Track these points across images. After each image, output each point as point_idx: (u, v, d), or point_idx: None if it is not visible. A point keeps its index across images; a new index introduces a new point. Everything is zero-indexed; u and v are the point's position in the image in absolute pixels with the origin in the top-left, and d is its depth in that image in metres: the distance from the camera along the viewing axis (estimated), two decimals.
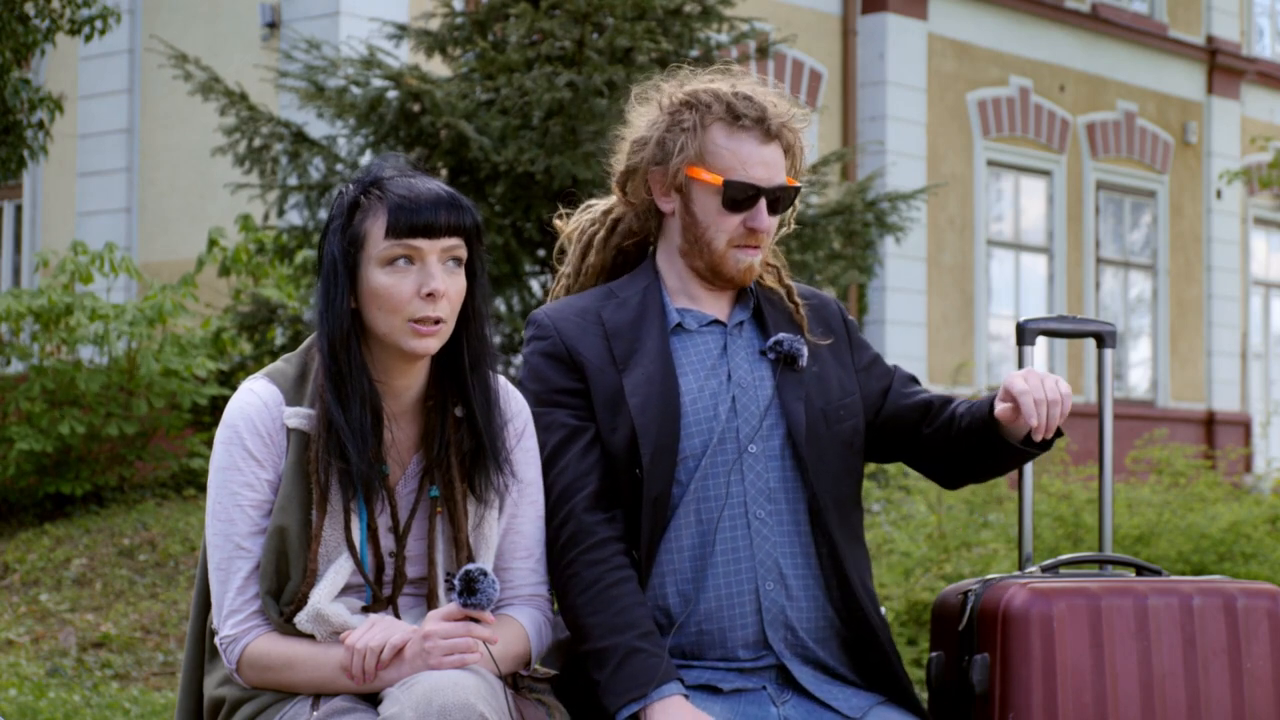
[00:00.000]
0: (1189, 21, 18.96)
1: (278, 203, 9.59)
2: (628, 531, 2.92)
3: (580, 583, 2.86)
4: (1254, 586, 3.01)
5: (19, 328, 10.45)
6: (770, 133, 2.99)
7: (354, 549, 2.77)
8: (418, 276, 2.74)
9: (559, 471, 2.93)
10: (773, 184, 2.99)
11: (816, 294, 3.18)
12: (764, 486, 2.96)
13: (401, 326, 2.75)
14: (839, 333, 3.12)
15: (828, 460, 2.98)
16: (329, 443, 2.75)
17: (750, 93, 3.02)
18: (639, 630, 2.83)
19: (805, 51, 15.26)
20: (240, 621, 2.77)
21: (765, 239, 3.01)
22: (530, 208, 9.30)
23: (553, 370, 2.98)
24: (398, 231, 2.74)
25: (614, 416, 2.94)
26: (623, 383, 2.95)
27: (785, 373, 3.00)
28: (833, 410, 3.02)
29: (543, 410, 2.96)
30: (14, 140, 10.82)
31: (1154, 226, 18.76)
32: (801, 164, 3.07)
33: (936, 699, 3.06)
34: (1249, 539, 8.15)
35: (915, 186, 12.80)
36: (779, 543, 2.95)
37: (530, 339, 3.03)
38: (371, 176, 2.81)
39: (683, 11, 9.65)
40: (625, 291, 3.06)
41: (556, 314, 3.04)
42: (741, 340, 3.04)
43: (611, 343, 2.98)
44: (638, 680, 2.78)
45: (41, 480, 9.91)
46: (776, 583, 2.94)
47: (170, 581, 8.33)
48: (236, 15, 13.26)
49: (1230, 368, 19.41)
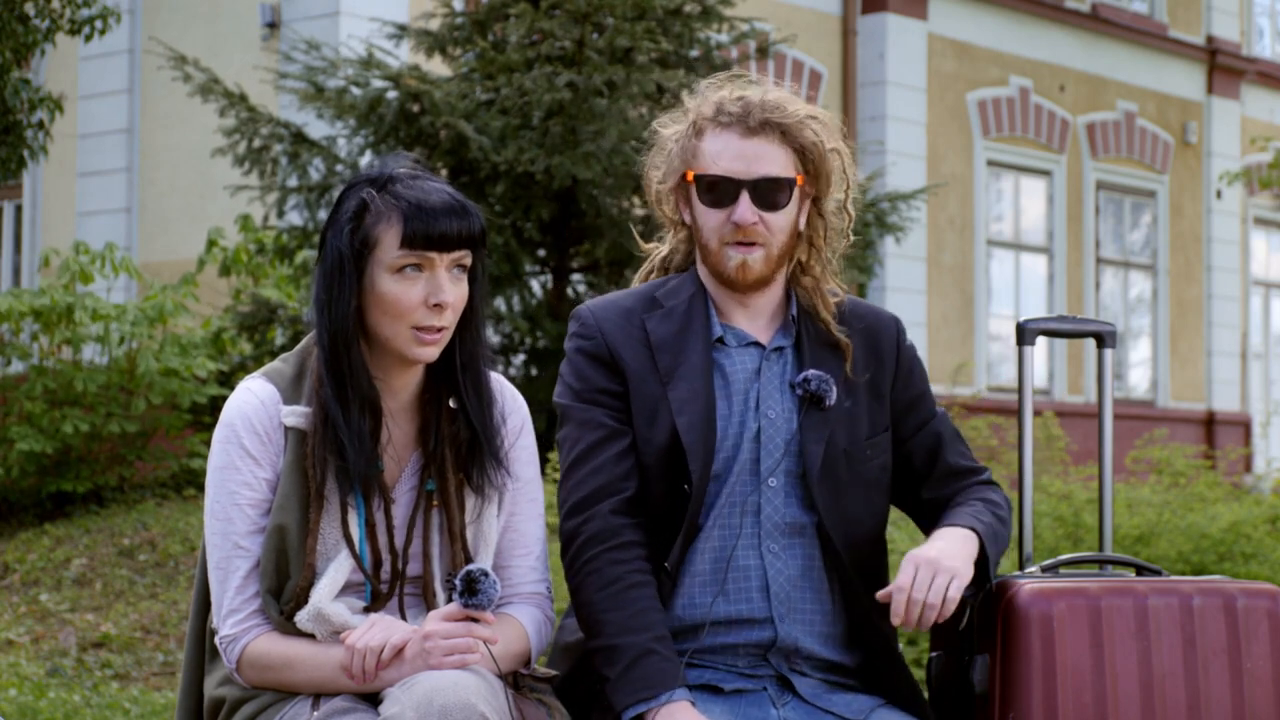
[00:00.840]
0: (1189, 21, 18.96)
1: (277, 203, 9.59)
2: (649, 544, 2.91)
3: (601, 579, 2.84)
4: (1254, 586, 3.01)
5: (19, 328, 10.45)
6: (752, 126, 2.93)
7: (352, 545, 2.77)
8: (426, 286, 2.74)
9: (592, 470, 2.90)
10: (750, 175, 2.93)
11: (876, 314, 3.09)
12: (780, 521, 2.94)
13: (405, 333, 2.75)
14: (888, 359, 3.04)
15: (845, 501, 2.95)
16: (326, 439, 2.75)
17: (745, 94, 2.97)
18: (654, 633, 2.81)
19: (805, 51, 15.26)
20: (240, 621, 2.77)
21: (758, 234, 2.93)
22: (530, 208, 9.30)
23: (594, 370, 2.96)
24: (413, 243, 2.73)
25: (650, 427, 2.92)
26: (666, 395, 2.92)
27: (810, 411, 2.95)
28: (858, 449, 2.97)
29: (582, 406, 2.94)
30: (14, 140, 10.82)
31: (1154, 226, 18.76)
32: (826, 164, 2.96)
33: (936, 699, 3.06)
34: (1249, 539, 8.15)
35: (915, 186, 12.80)
36: (792, 577, 2.94)
37: (573, 335, 3.00)
38: (383, 174, 2.80)
39: (683, 11, 9.65)
40: (671, 300, 3.01)
41: (601, 313, 3.00)
42: (775, 368, 2.99)
43: (655, 354, 2.95)
44: (649, 682, 2.77)
45: (42, 480, 9.91)
46: (787, 616, 2.94)
47: (170, 581, 8.33)
48: (236, 15, 13.26)
49: (1230, 368, 19.41)
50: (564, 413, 2.98)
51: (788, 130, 2.94)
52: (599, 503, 2.89)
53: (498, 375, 2.92)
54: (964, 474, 3.05)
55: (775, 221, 2.94)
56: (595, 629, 2.84)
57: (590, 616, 2.85)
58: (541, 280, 9.97)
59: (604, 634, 2.82)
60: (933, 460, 3.04)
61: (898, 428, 3.04)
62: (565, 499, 2.93)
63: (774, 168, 2.93)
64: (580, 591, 2.87)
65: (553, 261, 9.80)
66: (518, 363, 9.73)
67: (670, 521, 2.92)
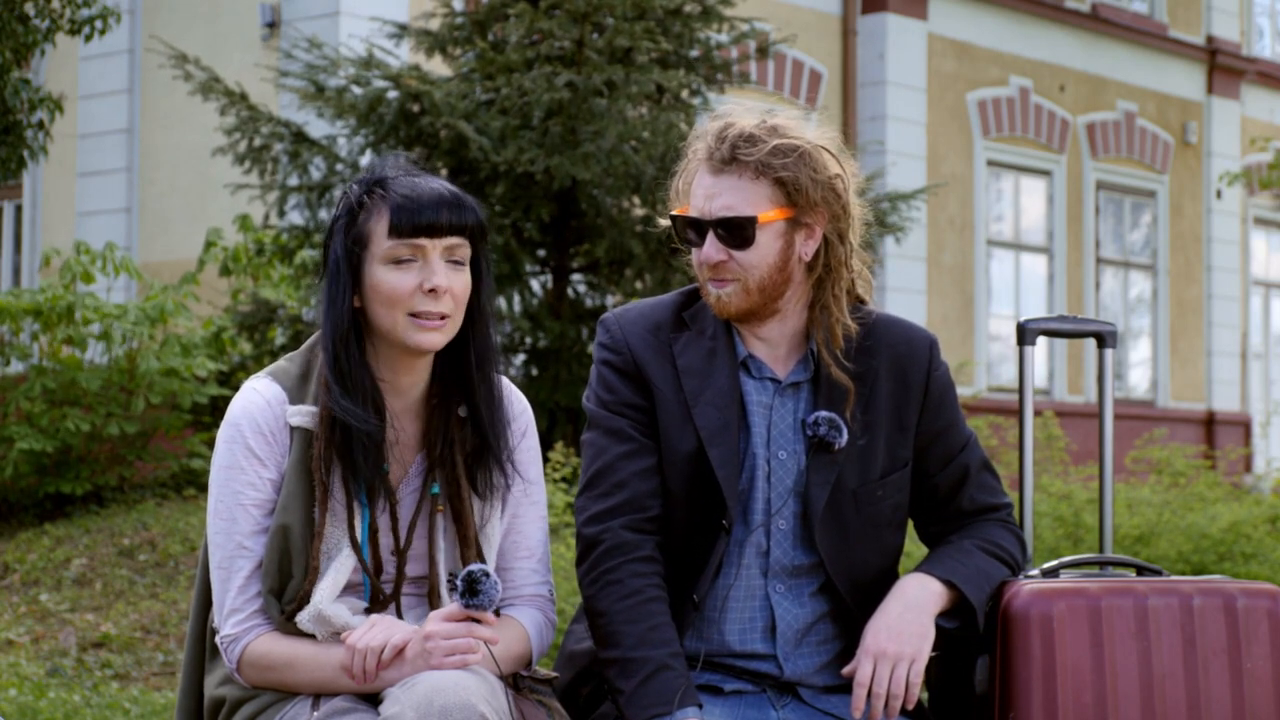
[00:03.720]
0: (1189, 21, 18.96)
1: (278, 203, 9.59)
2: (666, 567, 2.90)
3: (623, 589, 2.83)
4: (1254, 586, 3.01)
5: (19, 328, 10.45)
6: (719, 162, 2.86)
7: (356, 544, 2.77)
8: (420, 273, 2.75)
9: (617, 484, 2.88)
10: (712, 214, 2.86)
11: (907, 337, 3.01)
12: (787, 563, 2.93)
13: (404, 321, 2.75)
14: (915, 389, 2.97)
15: (851, 543, 2.93)
16: (331, 439, 2.75)
17: (734, 123, 2.89)
18: (671, 649, 2.80)
19: (805, 51, 15.26)
20: (241, 621, 2.77)
21: (728, 271, 2.86)
22: (530, 208, 9.30)
23: (623, 384, 2.94)
24: (400, 231, 2.74)
25: (675, 447, 2.90)
26: (692, 417, 2.90)
27: (818, 453, 2.91)
28: (868, 491, 2.93)
29: (609, 415, 2.93)
30: (14, 140, 10.82)
31: (1154, 226, 18.76)
32: (814, 194, 2.86)
33: (937, 700, 3.07)
34: (1249, 539, 8.16)
35: (915, 186, 12.80)
36: (800, 615, 2.94)
37: (601, 345, 2.97)
38: (374, 176, 2.81)
39: (683, 11, 9.65)
40: (700, 321, 2.97)
41: (630, 327, 2.97)
42: (790, 405, 2.95)
43: (682, 378, 2.92)
44: (664, 697, 2.76)
45: (42, 480, 9.91)
46: (792, 654, 2.94)
47: (170, 581, 8.33)
48: (236, 15, 13.26)
49: (1230, 368, 19.41)
50: (592, 418, 2.96)
51: (759, 164, 2.85)
52: (624, 515, 2.87)
53: (501, 377, 2.92)
54: (975, 513, 3.02)
55: (746, 258, 2.87)
56: (611, 639, 2.82)
57: (608, 626, 2.83)
58: (541, 280, 9.97)
59: (621, 645, 2.81)
60: (953, 497, 3.02)
61: (923, 460, 2.99)
62: (587, 506, 2.90)
63: (739, 205, 2.86)
64: (598, 600, 2.85)
65: (553, 261, 9.80)
66: (518, 363, 9.73)
67: (690, 549, 2.91)
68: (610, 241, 9.30)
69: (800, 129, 2.92)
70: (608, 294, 9.84)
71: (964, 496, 3.01)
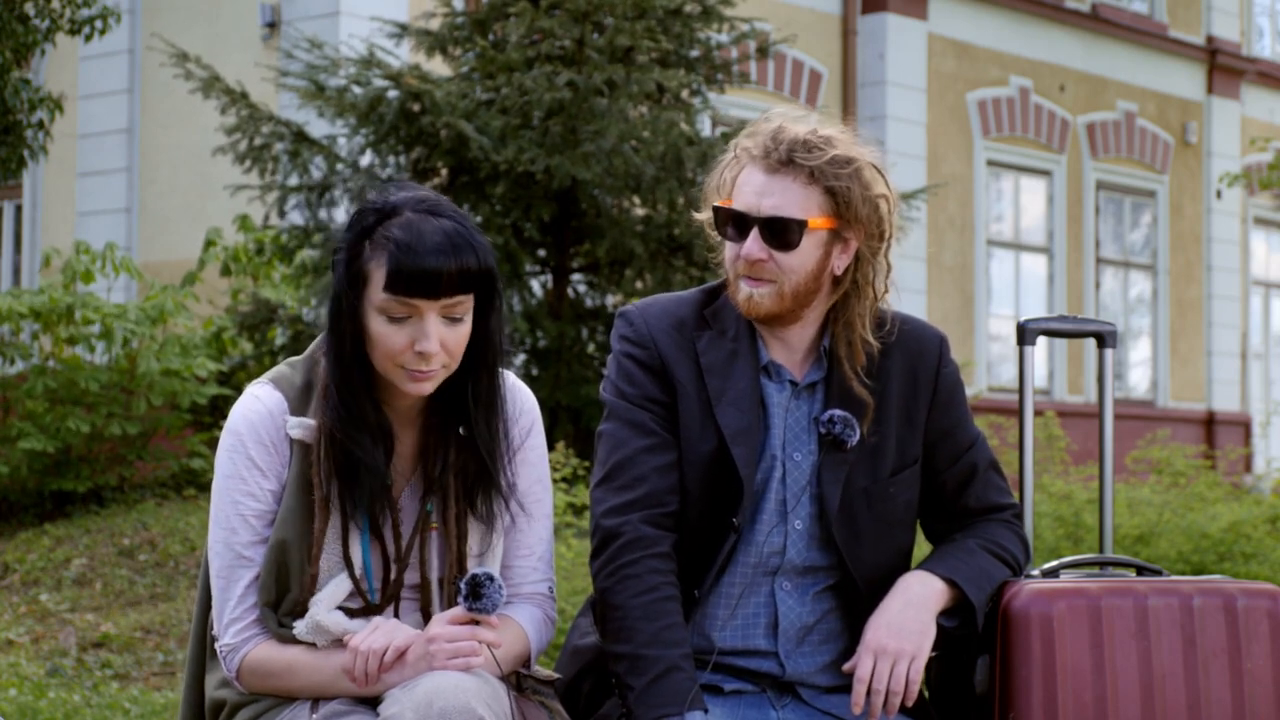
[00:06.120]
0: (1189, 21, 18.96)
1: (278, 203, 9.59)
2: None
3: (640, 584, 2.82)
4: (1254, 586, 3.01)
5: (19, 328, 10.45)
6: (775, 162, 2.87)
7: (351, 565, 2.76)
8: (413, 332, 2.68)
9: (637, 477, 2.87)
10: (761, 212, 2.88)
11: (920, 334, 3.04)
12: (800, 563, 2.93)
13: (397, 372, 2.71)
14: (924, 385, 3.00)
15: (864, 541, 2.93)
16: (331, 453, 2.73)
17: (787, 128, 2.90)
18: (682, 650, 2.80)
19: (805, 51, 15.26)
20: (240, 630, 2.76)
21: (766, 271, 2.87)
22: (530, 208, 9.30)
23: (646, 379, 2.93)
24: (396, 288, 2.66)
25: (694, 445, 2.90)
26: (714, 416, 2.89)
27: (831, 451, 2.92)
28: (879, 488, 2.93)
29: (630, 408, 2.91)
30: (14, 140, 10.82)
31: (1154, 226, 18.77)
32: (862, 210, 2.88)
33: (937, 699, 3.07)
34: (1249, 539, 8.16)
35: (915, 186, 12.79)
36: (803, 613, 2.94)
37: (623, 338, 2.96)
38: (385, 204, 2.72)
39: (683, 11, 9.65)
40: (721, 321, 2.96)
41: (654, 322, 2.96)
42: (805, 405, 2.95)
43: (706, 377, 2.92)
44: (675, 697, 2.75)
45: (42, 480, 9.92)
46: (794, 652, 2.94)
47: (170, 581, 8.33)
48: (237, 15, 13.26)
49: (1230, 368, 19.41)
50: (611, 409, 2.94)
51: (816, 171, 2.88)
52: (644, 509, 2.86)
53: (508, 373, 2.88)
54: (981, 511, 3.02)
55: (787, 261, 2.88)
56: (624, 634, 2.81)
57: (622, 621, 2.82)
58: (541, 280, 9.97)
59: (634, 641, 2.80)
60: (959, 495, 3.02)
61: (931, 458, 3.00)
62: (606, 498, 2.89)
63: (790, 207, 2.87)
64: (614, 593, 2.83)
65: (553, 261, 9.80)
66: (518, 363, 9.73)
67: (696, 545, 2.91)
68: (610, 241, 9.30)
69: (851, 143, 2.94)
70: (608, 294, 9.84)
71: (970, 495, 3.02)
